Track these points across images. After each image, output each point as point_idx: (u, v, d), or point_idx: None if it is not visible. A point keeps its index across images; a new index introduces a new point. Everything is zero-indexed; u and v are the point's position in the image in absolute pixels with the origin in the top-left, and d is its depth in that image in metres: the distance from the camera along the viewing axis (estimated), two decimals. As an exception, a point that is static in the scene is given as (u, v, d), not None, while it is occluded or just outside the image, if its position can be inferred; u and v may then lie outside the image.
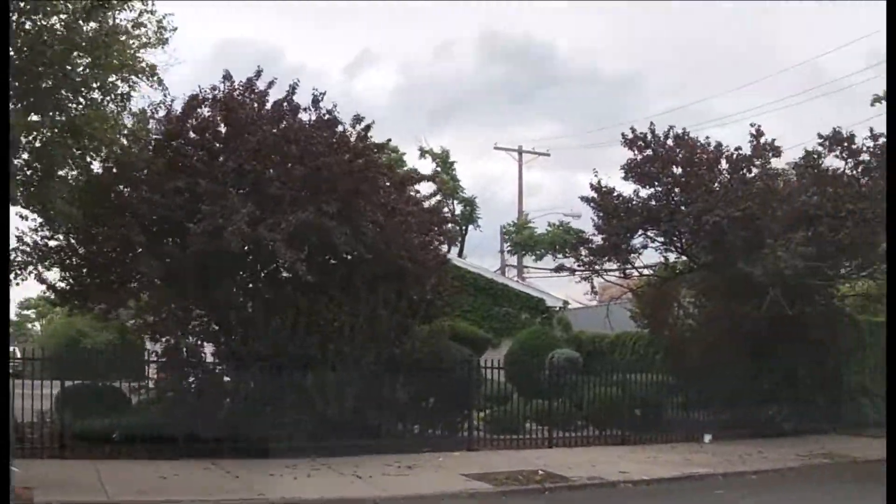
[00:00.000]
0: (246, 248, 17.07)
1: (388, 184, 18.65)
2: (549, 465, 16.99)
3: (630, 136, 22.76)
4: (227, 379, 18.11)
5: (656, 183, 22.68)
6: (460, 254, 46.07)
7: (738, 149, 22.57)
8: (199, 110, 18.32)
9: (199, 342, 18.50)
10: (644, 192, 22.90)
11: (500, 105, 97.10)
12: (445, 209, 22.13)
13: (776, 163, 22.85)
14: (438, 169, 47.37)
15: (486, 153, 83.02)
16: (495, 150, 51.07)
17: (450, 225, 47.03)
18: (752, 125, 22.61)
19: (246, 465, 15.74)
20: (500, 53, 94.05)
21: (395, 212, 17.90)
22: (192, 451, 16.28)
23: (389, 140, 19.29)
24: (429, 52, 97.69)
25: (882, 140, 21.83)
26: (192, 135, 18.21)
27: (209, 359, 18.40)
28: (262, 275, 18.58)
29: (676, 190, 22.53)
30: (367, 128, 18.66)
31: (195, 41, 34.70)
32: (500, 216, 48.44)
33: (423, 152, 48.38)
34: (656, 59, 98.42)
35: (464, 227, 48.08)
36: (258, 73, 18.38)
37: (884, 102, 32.29)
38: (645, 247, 23.93)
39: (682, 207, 22.27)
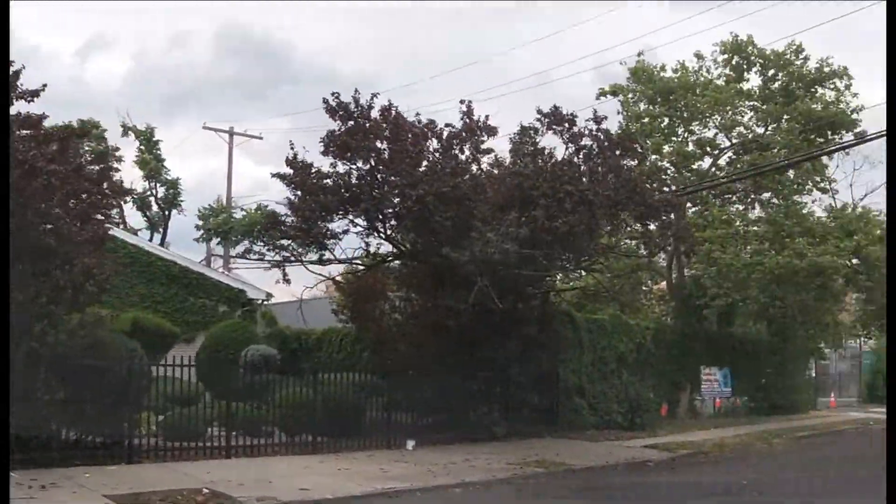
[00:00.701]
0: None
1: (26, 136, 15.13)
2: (219, 481, 14.19)
3: (333, 102, 20.27)
4: None
5: (358, 158, 20.31)
6: (163, 240, 42.80)
7: (448, 125, 20.68)
8: None
9: None
10: (344, 168, 20.58)
11: (236, 99, 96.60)
12: (115, 174, 18.84)
13: (493, 145, 21.25)
14: (142, 148, 43.64)
15: (217, 144, 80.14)
16: (218, 137, 46.83)
17: (153, 201, 43.86)
18: (461, 101, 20.82)
19: None
20: (238, 48, 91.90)
21: (34, 171, 14.50)
22: None
23: (45, 86, 15.69)
24: (164, 41, 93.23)
25: (605, 124, 21.12)
26: None
27: None
28: None
29: (381, 168, 20.27)
30: (17, 74, 15.32)
31: None
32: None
33: (125, 129, 44.05)
34: (393, 61, 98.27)
35: (167, 212, 44.49)
36: None
37: (609, 97, 32.41)
38: (346, 231, 21.43)
39: (386, 187, 20.06)
